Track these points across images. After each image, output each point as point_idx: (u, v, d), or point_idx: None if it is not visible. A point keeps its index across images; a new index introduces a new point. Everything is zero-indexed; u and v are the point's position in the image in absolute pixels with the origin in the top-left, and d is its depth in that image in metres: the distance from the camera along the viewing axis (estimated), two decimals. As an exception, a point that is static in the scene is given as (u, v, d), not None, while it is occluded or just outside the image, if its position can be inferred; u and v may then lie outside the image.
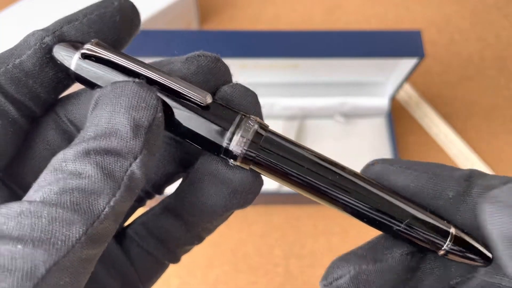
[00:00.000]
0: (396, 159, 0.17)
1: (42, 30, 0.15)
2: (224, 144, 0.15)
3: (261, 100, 0.17)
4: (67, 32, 0.15)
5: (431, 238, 0.16)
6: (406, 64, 0.50)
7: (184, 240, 0.19)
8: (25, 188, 0.16)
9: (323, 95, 0.57)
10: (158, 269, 0.20)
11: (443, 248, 0.16)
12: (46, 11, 0.53)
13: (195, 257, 0.54)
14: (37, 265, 0.11)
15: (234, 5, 0.68)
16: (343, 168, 0.16)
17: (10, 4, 0.54)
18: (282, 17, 0.68)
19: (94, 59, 0.15)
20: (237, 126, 0.15)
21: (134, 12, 0.16)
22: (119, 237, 0.19)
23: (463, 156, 0.59)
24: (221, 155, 0.16)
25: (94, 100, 0.15)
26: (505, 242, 0.13)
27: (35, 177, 0.16)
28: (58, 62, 0.15)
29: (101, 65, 0.15)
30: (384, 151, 0.57)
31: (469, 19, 0.68)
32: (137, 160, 0.13)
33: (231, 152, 0.15)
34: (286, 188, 0.55)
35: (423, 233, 0.16)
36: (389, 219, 0.16)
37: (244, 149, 0.15)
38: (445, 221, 0.16)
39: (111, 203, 0.13)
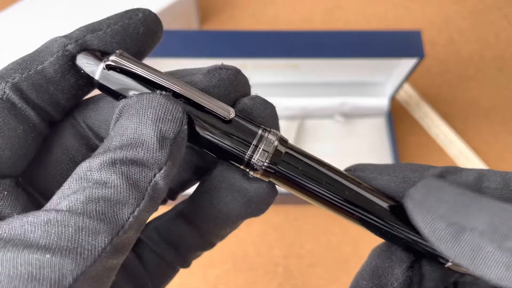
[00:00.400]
0: (368, 164, 0.17)
1: (65, 37, 0.15)
2: (246, 157, 0.16)
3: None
4: (90, 41, 0.15)
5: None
6: (406, 64, 0.50)
7: (196, 246, 0.19)
8: (42, 192, 0.17)
9: (323, 95, 0.57)
10: (169, 274, 0.20)
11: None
12: (46, 12, 0.53)
13: (195, 257, 0.54)
14: (64, 275, 0.11)
15: (234, 5, 0.68)
16: (357, 182, 0.17)
17: (9, 4, 0.54)
18: (282, 17, 0.68)
19: (118, 70, 0.15)
20: (259, 140, 0.16)
21: (157, 25, 0.16)
22: None
23: (463, 156, 0.59)
24: (242, 167, 0.16)
25: (118, 109, 0.15)
26: (433, 237, 0.14)
27: (52, 181, 0.16)
28: (82, 70, 0.15)
29: (125, 76, 0.15)
30: (384, 151, 0.57)
31: (469, 19, 0.68)
32: (162, 171, 0.13)
33: (252, 165, 0.16)
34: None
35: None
36: (378, 221, 0.16)
37: (266, 163, 0.16)
38: None
39: (135, 213, 0.13)
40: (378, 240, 0.18)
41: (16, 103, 0.15)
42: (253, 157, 0.16)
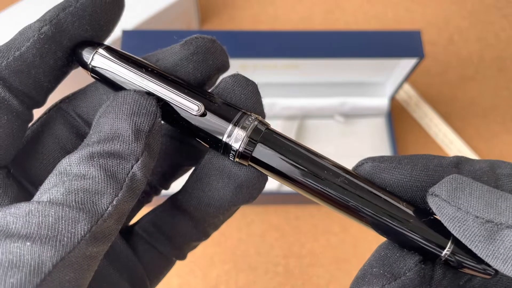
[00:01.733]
0: (385, 156, 0.17)
1: (38, 21, 0.16)
2: (224, 140, 0.16)
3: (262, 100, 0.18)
4: (64, 19, 0.16)
5: (431, 242, 0.16)
6: (406, 64, 0.50)
7: (191, 235, 0.19)
8: (35, 183, 0.17)
9: (323, 95, 0.57)
10: (165, 266, 0.20)
11: (443, 254, 0.15)
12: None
13: (196, 257, 0.54)
14: (44, 261, 0.12)
15: (234, 5, 0.69)
16: (343, 169, 0.16)
17: (9, 5, 0.54)
18: (282, 17, 0.68)
19: (109, 58, 0.16)
20: (236, 123, 0.16)
21: None
22: (126, 234, 0.20)
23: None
24: (221, 150, 0.16)
25: (99, 112, 0.15)
26: (464, 236, 0.14)
27: (45, 171, 0.16)
28: (79, 59, 0.16)
29: (113, 64, 0.16)
30: (384, 151, 0.57)
31: (468, 19, 0.68)
32: (138, 162, 0.14)
33: (231, 147, 0.16)
34: (286, 188, 0.56)
35: (423, 237, 0.16)
36: (392, 222, 0.16)
37: (243, 146, 0.16)
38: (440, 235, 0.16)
39: (114, 203, 0.13)
40: (379, 241, 0.18)
41: None
42: (230, 140, 0.16)
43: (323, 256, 0.54)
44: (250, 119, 0.16)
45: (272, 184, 0.53)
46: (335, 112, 0.58)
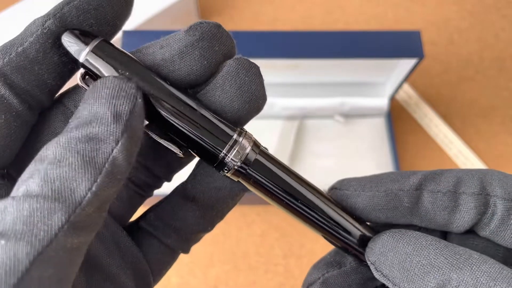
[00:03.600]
0: (352, 180, 0.19)
1: (42, 16, 0.15)
2: (220, 158, 0.17)
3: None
4: (68, 13, 0.15)
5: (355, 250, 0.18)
6: (406, 65, 0.50)
7: (198, 226, 0.19)
8: None
9: (323, 95, 0.57)
10: (169, 260, 0.20)
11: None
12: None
13: (195, 257, 0.54)
14: (20, 259, 0.11)
15: (234, 6, 0.69)
16: (318, 192, 0.18)
17: (8, 6, 0.54)
18: (281, 17, 0.68)
19: (101, 54, 0.16)
20: (234, 143, 0.17)
21: None
22: (131, 231, 0.19)
23: (463, 156, 0.59)
24: (215, 166, 0.17)
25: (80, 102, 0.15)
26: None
27: None
28: (67, 51, 0.15)
29: (106, 58, 0.16)
30: (384, 151, 0.57)
31: (468, 19, 0.68)
32: (119, 145, 0.13)
33: (225, 164, 0.17)
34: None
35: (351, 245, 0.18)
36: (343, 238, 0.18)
37: (237, 165, 0.17)
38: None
39: (93, 189, 0.12)
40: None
41: None
42: (226, 158, 0.17)
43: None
44: (246, 139, 0.17)
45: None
46: (335, 112, 0.58)
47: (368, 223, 0.19)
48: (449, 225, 0.18)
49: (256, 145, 0.17)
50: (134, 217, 0.21)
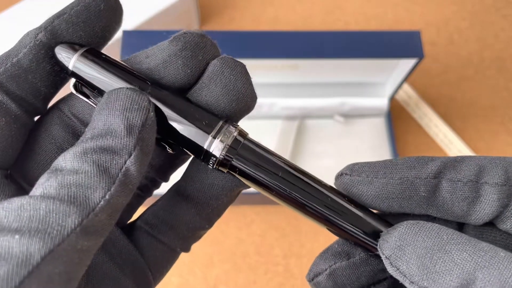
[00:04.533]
0: (364, 165, 0.17)
1: (35, 28, 0.16)
2: (205, 149, 0.16)
3: (261, 100, 0.18)
4: (58, 26, 0.16)
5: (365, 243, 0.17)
6: (406, 65, 0.50)
7: (194, 223, 0.19)
8: (32, 183, 0.17)
9: (322, 95, 0.57)
10: (168, 258, 0.20)
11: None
12: (45, 13, 0.53)
13: (195, 256, 0.54)
14: (32, 253, 0.12)
15: (234, 6, 0.69)
16: (313, 179, 0.17)
17: (8, 6, 0.54)
18: (281, 18, 0.68)
19: (89, 62, 0.17)
20: (218, 132, 0.16)
21: (116, 0, 0.17)
22: (129, 230, 0.20)
23: (462, 156, 0.59)
24: (202, 159, 0.17)
25: (95, 111, 0.16)
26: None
27: (42, 171, 0.16)
28: (59, 62, 0.17)
29: (95, 67, 0.17)
30: (384, 151, 0.57)
31: (468, 19, 0.68)
32: (132, 157, 0.14)
33: (210, 155, 0.17)
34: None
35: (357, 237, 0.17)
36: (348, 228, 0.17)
37: (222, 155, 0.16)
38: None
39: (107, 197, 0.13)
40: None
41: None
42: (211, 148, 0.16)
43: None
44: (230, 128, 0.17)
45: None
46: (335, 112, 0.58)
47: (374, 211, 0.18)
48: (467, 216, 0.17)
49: (241, 134, 0.17)
50: (134, 217, 0.21)
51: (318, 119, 0.59)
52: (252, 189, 0.18)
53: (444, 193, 0.16)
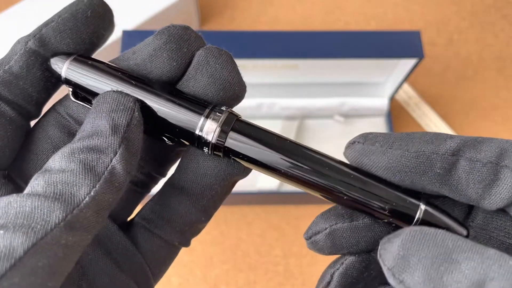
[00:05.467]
0: (378, 135, 0.16)
1: (25, 36, 0.17)
2: (197, 130, 0.17)
3: (261, 100, 0.18)
4: (46, 33, 0.17)
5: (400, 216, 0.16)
6: (406, 65, 0.50)
7: (190, 216, 0.19)
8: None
9: (322, 95, 0.57)
10: (167, 253, 0.20)
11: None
12: (44, 13, 0.53)
13: (195, 257, 0.54)
14: (15, 247, 0.12)
15: (234, 6, 0.69)
16: (317, 153, 0.17)
17: (8, 6, 0.54)
18: (281, 18, 0.68)
19: (80, 67, 0.17)
20: (209, 113, 0.16)
21: (104, 7, 0.18)
22: (127, 226, 0.20)
23: (462, 156, 0.59)
24: (197, 145, 0.17)
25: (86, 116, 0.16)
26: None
27: (39, 170, 0.17)
28: (54, 71, 0.17)
29: (85, 71, 0.17)
30: (384, 151, 0.57)
31: (468, 19, 0.68)
32: (117, 155, 0.15)
33: (203, 140, 0.17)
34: (286, 188, 0.56)
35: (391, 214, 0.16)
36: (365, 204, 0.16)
37: (215, 135, 0.16)
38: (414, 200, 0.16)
39: (92, 194, 0.14)
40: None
41: None
42: (203, 133, 0.16)
43: (323, 256, 0.54)
44: (219, 112, 0.17)
45: (272, 184, 0.53)
46: (335, 112, 0.58)
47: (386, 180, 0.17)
48: (480, 200, 0.16)
49: (233, 114, 0.17)
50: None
51: (318, 119, 0.59)
52: (252, 189, 0.18)
53: (461, 173, 0.15)
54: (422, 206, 0.16)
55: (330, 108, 0.57)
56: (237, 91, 0.18)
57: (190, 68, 0.17)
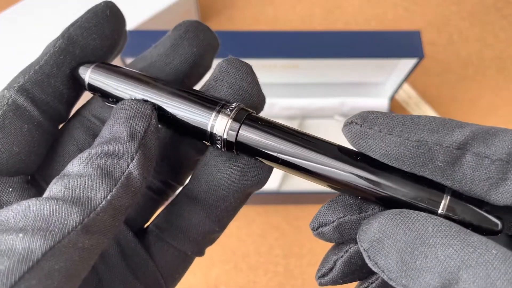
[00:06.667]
0: (379, 117, 0.15)
1: (54, 39, 0.18)
2: (209, 130, 0.17)
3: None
4: (73, 32, 0.18)
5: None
6: (406, 65, 0.50)
7: (204, 226, 0.19)
8: None
9: (322, 95, 0.57)
10: (180, 262, 0.20)
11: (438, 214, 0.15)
12: (44, 13, 0.53)
13: (195, 257, 0.54)
14: (33, 250, 0.12)
15: (234, 5, 0.69)
16: (327, 142, 0.17)
17: (8, 6, 0.54)
18: (281, 17, 0.68)
19: (102, 74, 0.18)
20: (221, 108, 0.16)
21: (118, 9, 0.19)
22: (141, 234, 0.20)
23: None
24: (207, 142, 0.17)
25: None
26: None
27: None
28: (80, 79, 0.18)
29: (107, 78, 0.18)
30: (384, 151, 0.57)
31: (468, 19, 0.68)
32: (134, 161, 0.15)
33: (215, 137, 0.17)
34: (286, 188, 0.56)
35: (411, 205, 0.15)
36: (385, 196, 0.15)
37: (226, 134, 0.16)
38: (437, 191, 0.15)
39: (108, 198, 0.14)
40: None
41: (21, 104, 0.17)
42: (214, 129, 0.16)
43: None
44: (230, 108, 0.17)
45: (272, 184, 0.53)
46: (335, 112, 0.58)
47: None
48: (485, 197, 0.14)
49: (245, 109, 0.17)
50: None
51: (318, 119, 0.59)
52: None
53: (465, 168, 0.14)
54: (446, 199, 0.15)
55: (330, 108, 0.57)
56: (256, 102, 0.18)
57: (211, 78, 0.18)
